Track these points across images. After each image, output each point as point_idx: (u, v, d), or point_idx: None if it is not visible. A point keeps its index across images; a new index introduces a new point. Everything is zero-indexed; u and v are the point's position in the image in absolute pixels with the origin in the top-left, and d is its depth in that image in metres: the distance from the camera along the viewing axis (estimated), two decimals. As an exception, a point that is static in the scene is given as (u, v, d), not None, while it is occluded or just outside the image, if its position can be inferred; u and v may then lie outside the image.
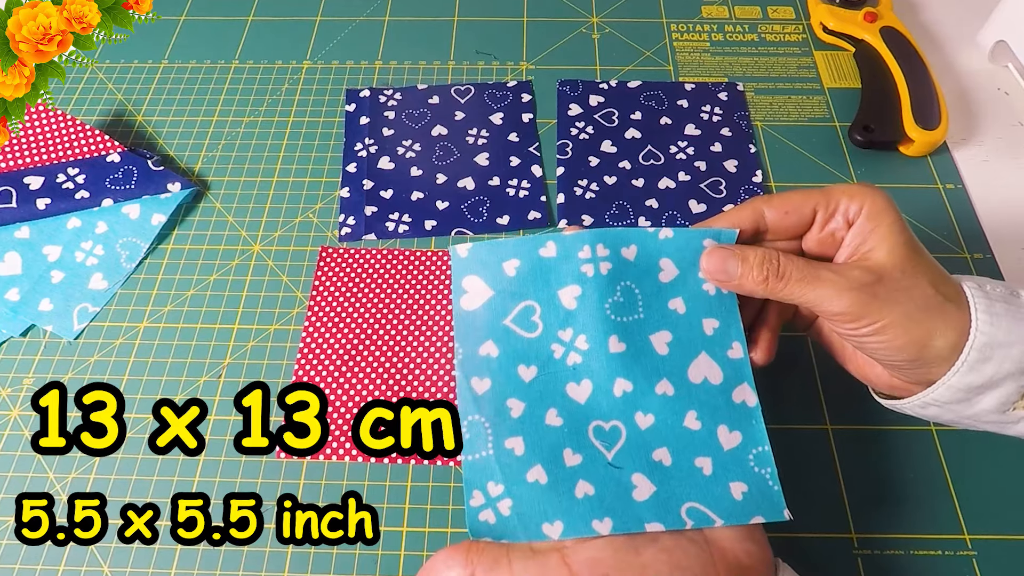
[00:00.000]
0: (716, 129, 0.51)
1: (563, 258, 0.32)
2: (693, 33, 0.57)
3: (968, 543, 0.35)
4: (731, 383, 0.32)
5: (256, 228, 0.47)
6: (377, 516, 0.37)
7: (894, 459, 0.38)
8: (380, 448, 0.37)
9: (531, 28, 0.58)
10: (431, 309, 0.43)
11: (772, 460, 0.31)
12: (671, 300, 0.33)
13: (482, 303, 0.33)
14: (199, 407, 0.38)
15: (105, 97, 0.54)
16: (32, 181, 0.47)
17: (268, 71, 0.55)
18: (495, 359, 0.32)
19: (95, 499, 0.37)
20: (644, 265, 0.33)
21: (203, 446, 0.39)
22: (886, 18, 0.53)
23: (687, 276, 0.33)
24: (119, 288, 0.45)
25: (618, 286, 0.32)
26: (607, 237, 0.32)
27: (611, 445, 0.31)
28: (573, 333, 0.32)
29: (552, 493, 0.29)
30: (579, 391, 0.31)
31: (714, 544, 0.28)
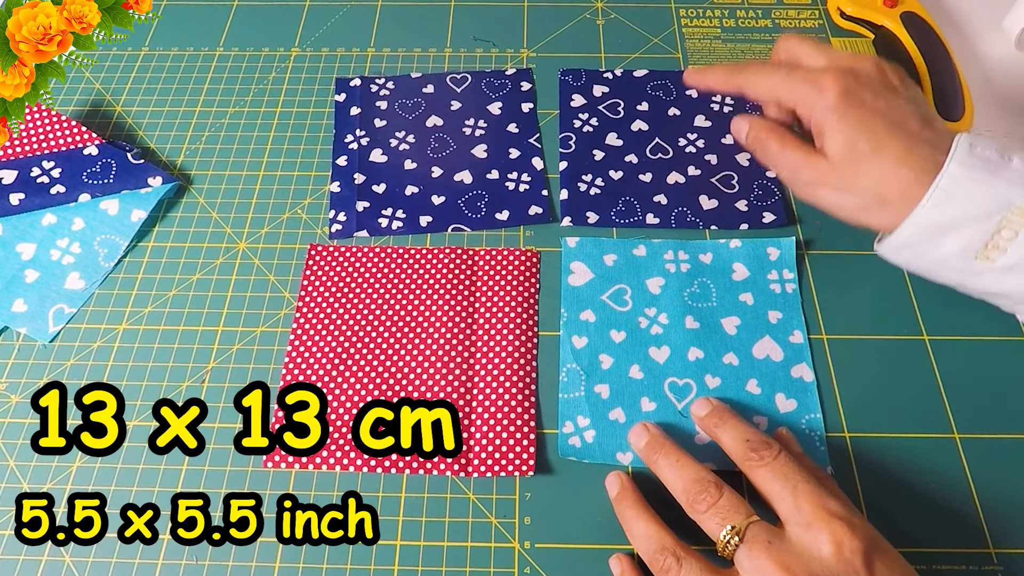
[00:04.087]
0: (728, 120, 0.50)
1: (651, 257, 0.44)
2: (703, 19, 0.57)
3: (994, 557, 0.35)
4: (791, 362, 0.40)
5: (242, 225, 0.47)
6: (377, 516, 0.37)
7: (913, 467, 0.38)
8: (380, 448, 0.38)
9: (532, 13, 0.58)
10: (426, 310, 0.43)
11: (822, 426, 0.39)
12: (741, 294, 0.43)
13: (585, 282, 0.44)
14: (199, 407, 0.40)
15: (82, 87, 0.54)
16: (5, 175, 0.47)
17: (254, 59, 0.55)
18: (592, 323, 0.42)
19: (95, 499, 0.38)
20: (719, 267, 0.44)
21: (203, 446, 0.39)
22: (907, 3, 0.53)
23: (756, 277, 0.43)
24: (97, 288, 0.45)
25: (696, 280, 0.43)
26: (687, 247, 0.45)
27: (682, 398, 0.39)
28: (656, 311, 0.42)
29: (627, 430, 0.38)
30: (659, 354, 0.41)
31: None
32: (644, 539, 0.33)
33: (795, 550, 0.29)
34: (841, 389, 0.40)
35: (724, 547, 0.31)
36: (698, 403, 0.38)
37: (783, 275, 0.43)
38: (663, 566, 0.31)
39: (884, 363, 0.41)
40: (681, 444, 0.35)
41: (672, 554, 0.31)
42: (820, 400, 0.39)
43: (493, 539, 0.36)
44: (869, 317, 0.42)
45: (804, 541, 0.30)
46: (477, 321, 0.43)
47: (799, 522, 0.30)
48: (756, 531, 0.30)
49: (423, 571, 0.36)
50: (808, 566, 0.29)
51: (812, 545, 0.29)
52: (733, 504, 0.31)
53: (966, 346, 0.41)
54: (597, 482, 0.37)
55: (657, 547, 0.32)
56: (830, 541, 0.29)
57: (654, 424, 0.37)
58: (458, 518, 0.37)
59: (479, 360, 0.41)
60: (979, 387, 0.40)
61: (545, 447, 0.39)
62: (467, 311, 0.43)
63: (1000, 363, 0.41)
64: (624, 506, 0.35)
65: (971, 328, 0.42)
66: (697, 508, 0.32)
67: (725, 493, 0.32)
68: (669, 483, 0.34)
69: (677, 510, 0.33)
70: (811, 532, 0.30)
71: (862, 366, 0.41)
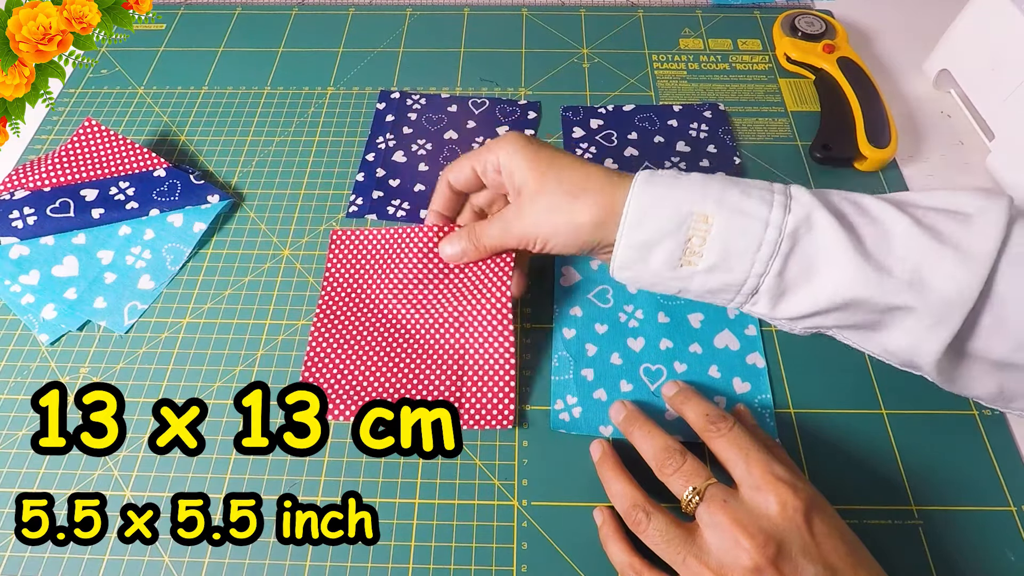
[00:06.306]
0: (703, 145, 0.51)
1: None
2: (672, 63, 0.57)
3: (915, 513, 0.35)
4: (745, 351, 0.41)
5: (286, 235, 0.47)
6: (377, 516, 0.35)
7: (848, 438, 0.38)
8: (380, 448, 0.35)
9: (529, 58, 0.58)
10: (429, 284, 0.41)
11: (772, 404, 0.39)
12: None
13: (573, 283, 0.44)
14: (199, 407, 0.36)
15: (152, 119, 0.54)
16: (88, 193, 0.47)
17: (296, 96, 0.55)
18: (579, 318, 0.42)
19: (95, 499, 0.34)
20: None
21: (203, 446, 0.37)
22: (843, 50, 0.53)
23: None
24: (165, 288, 0.45)
25: None
26: None
27: (654, 381, 0.40)
28: (634, 308, 0.42)
29: (609, 407, 0.38)
30: (635, 344, 0.41)
31: None
32: (620, 496, 0.33)
33: (747, 508, 0.29)
34: (788, 373, 0.40)
35: (687, 505, 0.31)
36: (668, 385, 0.38)
37: None
38: (635, 519, 0.32)
39: (823, 351, 0.41)
40: (653, 419, 0.36)
41: (643, 509, 0.31)
42: (770, 382, 0.40)
43: (496, 498, 0.37)
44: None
45: (754, 501, 0.30)
46: (467, 297, 0.41)
47: (750, 485, 0.30)
48: (714, 492, 0.30)
49: (437, 524, 0.36)
50: (758, 522, 0.29)
51: (761, 504, 0.29)
52: (695, 469, 0.31)
53: (892, 336, 0.41)
54: (583, 450, 0.37)
55: (631, 503, 0.32)
56: (776, 501, 0.29)
57: (631, 402, 0.37)
58: (466, 480, 0.37)
59: (470, 331, 0.40)
60: (901, 371, 0.40)
61: (539, 421, 0.39)
62: (461, 289, 0.41)
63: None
64: (604, 468, 0.35)
65: (896, 321, 0.42)
66: (665, 471, 0.32)
67: (688, 459, 0.32)
68: (642, 450, 0.34)
69: (649, 473, 0.33)
70: (760, 493, 0.30)
71: (805, 354, 0.41)
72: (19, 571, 0.35)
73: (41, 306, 0.44)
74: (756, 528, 0.28)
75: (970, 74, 0.51)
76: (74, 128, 0.53)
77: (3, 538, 0.35)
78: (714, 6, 0.61)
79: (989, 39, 0.49)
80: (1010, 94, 0.47)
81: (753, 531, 0.28)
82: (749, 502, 0.30)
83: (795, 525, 0.29)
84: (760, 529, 0.28)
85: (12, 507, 0.36)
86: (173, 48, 0.59)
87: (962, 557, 0.34)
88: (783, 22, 0.57)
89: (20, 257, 0.45)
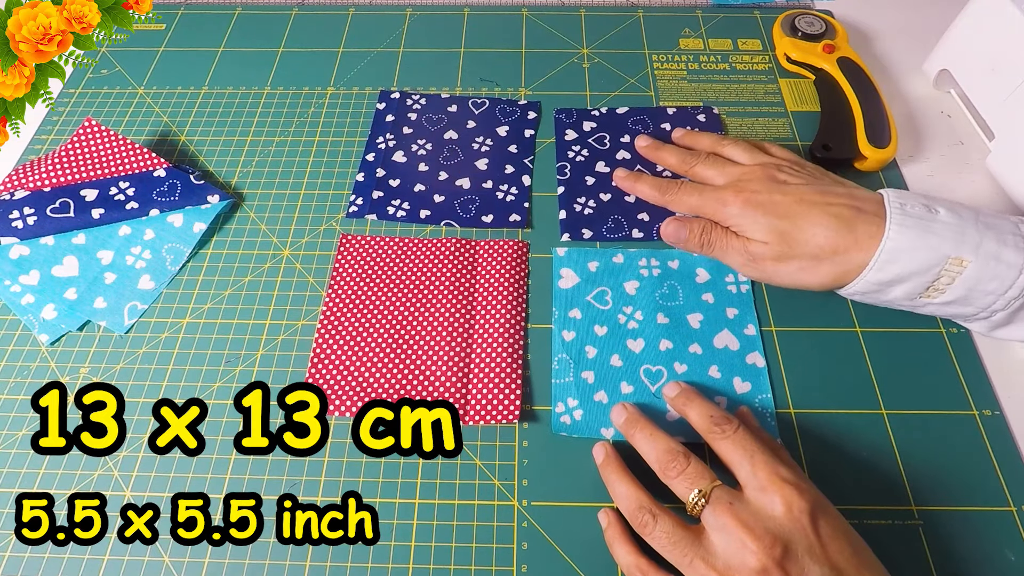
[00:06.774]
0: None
1: (628, 263, 0.44)
2: (672, 63, 0.57)
3: (915, 513, 0.35)
4: (745, 350, 0.40)
5: (286, 235, 0.47)
6: (377, 516, 0.35)
7: (848, 438, 0.38)
8: (380, 448, 0.35)
9: (529, 58, 0.57)
10: (436, 283, 0.42)
11: (773, 404, 0.39)
12: (704, 294, 0.43)
13: (572, 285, 0.43)
14: (199, 407, 0.36)
15: (152, 119, 0.54)
16: (88, 193, 0.47)
17: (296, 96, 0.55)
18: (579, 320, 0.42)
19: (95, 499, 0.34)
20: (685, 271, 0.44)
21: (203, 446, 0.37)
22: (843, 50, 0.53)
23: (716, 280, 0.43)
24: (165, 288, 0.45)
25: (665, 283, 0.43)
26: (658, 254, 0.45)
27: (655, 382, 0.39)
28: (633, 309, 0.42)
29: (610, 409, 0.38)
30: (635, 345, 0.41)
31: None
32: (625, 498, 0.33)
33: (752, 510, 0.29)
34: (788, 373, 0.40)
35: (692, 507, 0.31)
36: (669, 386, 0.38)
37: (738, 278, 0.43)
38: (641, 521, 0.31)
39: (824, 351, 0.41)
40: (655, 421, 0.36)
41: (649, 512, 0.31)
42: (770, 382, 0.39)
43: (496, 498, 0.36)
44: (811, 312, 0.42)
45: (760, 502, 0.30)
46: (476, 298, 0.42)
47: (755, 486, 0.30)
48: (719, 494, 0.30)
49: (437, 524, 0.36)
50: (764, 523, 0.29)
51: (767, 506, 0.29)
52: (699, 471, 0.31)
53: (892, 336, 0.41)
54: (584, 452, 0.37)
55: (636, 505, 0.32)
56: (782, 502, 0.29)
57: (632, 404, 0.37)
58: (466, 480, 0.37)
59: (476, 330, 0.41)
60: (902, 371, 0.40)
61: (539, 421, 0.39)
62: (468, 287, 0.43)
63: (920, 351, 0.40)
64: (608, 471, 0.35)
65: (896, 322, 0.41)
66: (668, 474, 0.32)
67: (692, 461, 0.32)
68: (645, 453, 0.34)
69: (653, 476, 0.33)
70: (766, 495, 0.30)
71: (805, 354, 0.41)
72: (19, 571, 0.34)
73: (41, 306, 0.44)
74: (762, 530, 0.28)
75: (970, 74, 0.51)
76: (74, 128, 0.53)
77: (3, 538, 0.35)
78: (714, 6, 0.61)
79: (989, 39, 0.49)
80: (1010, 94, 0.47)
81: (759, 533, 0.28)
82: (755, 504, 0.30)
83: (801, 526, 0.29)
84: (766, 531, 0.28)
85: (12, 507, 0.36)
86: (173, 48, 0.59)
87: (962, 557, 0.34)
88: (783, 22, 0.56)
89: (20, 257, 0.45)
